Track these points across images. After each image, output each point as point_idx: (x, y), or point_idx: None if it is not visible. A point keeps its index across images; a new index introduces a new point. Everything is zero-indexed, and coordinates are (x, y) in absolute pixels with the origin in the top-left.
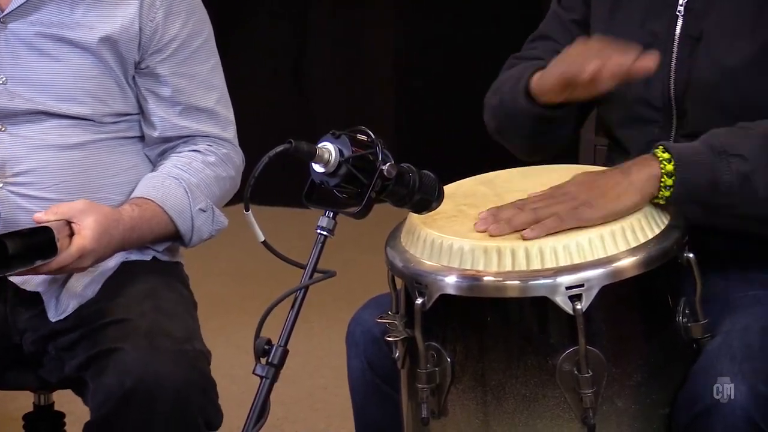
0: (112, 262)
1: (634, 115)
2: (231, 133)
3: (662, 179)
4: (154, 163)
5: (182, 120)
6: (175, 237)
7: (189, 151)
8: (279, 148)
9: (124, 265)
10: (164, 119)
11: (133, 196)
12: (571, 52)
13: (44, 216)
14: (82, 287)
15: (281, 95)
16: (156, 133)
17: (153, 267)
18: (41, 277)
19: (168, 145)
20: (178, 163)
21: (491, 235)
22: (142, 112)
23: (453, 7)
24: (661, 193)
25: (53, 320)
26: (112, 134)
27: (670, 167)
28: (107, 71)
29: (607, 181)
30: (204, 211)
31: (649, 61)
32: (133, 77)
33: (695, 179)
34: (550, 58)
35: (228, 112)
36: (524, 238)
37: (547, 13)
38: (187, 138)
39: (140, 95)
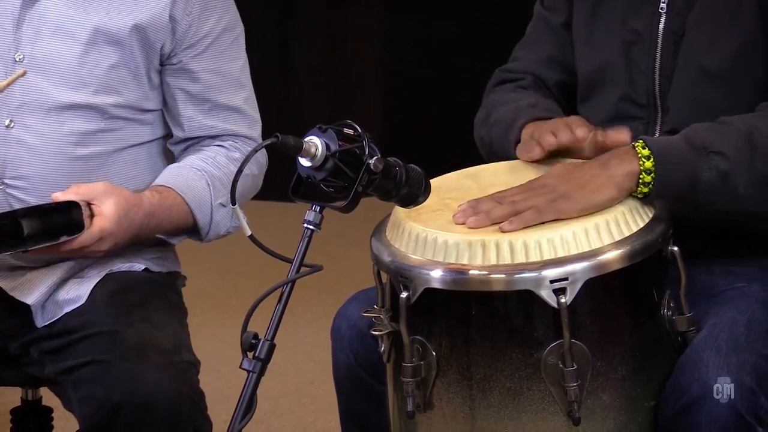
0: (97, 272)
1: (619, 112)
2: (257, 132)
3: (641, 176)
4: (176, 159)
5: (210, 119)
6: (192, 229)
7: (215, 145)
8: (265, 142)
9: (115, 275)
10: (192, 119)
11: (154, 183)
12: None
13: (63, 196)
14: (71, 297)
15: (268, 89)
16: (183, 134)
17: (143, 277)
18: (29, 288)
19: (194, 141)
20: (202, 156)
21: (470, 227)
22: (169, 111)
23: (441, 1)
24: (639, 189)
25: (40, 326)
26: (122, 143)
27: (649, 164)
28: (130, 61)
29: (585, 173)
30: (224, 206)
31: (623, 136)
32: (160, 72)
33: (674, 176)
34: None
35: (255, 112)
36: (502, 231)
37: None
38: (214, 136)
39: (168, 93)
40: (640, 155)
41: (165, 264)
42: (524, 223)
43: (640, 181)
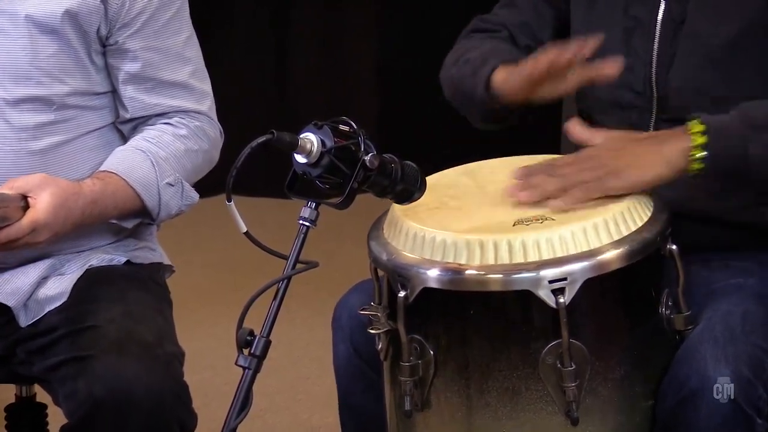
0: (77, 267)
1: (616, 99)
2: (206, 105)
3: (692, 152)
4: (128, 138)
5: (154, 98)
6: (141, 212)
7: (161, 123)
8: (261, 139)
9: (96, 270)
10: (134, 99)
11: (98, 169)
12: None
13: None
14: (52, 294)
15: (264, 86)
16: (128, 115)
17: (125, 270)
18: (9, 288)
19: (141, 120)
20: (147, 136)
21: (521, 202)
22: (115, 92)
23: (437, 1)
24: (692, 165)
25: (23, 326)
26: (78, 132)
27: (701, 140)
28: (68, 48)
29: (638, 149)
30: (172, 186)
31: (612, 68)
32: (104, 54)
33: (726, 151)
34: (511, 46)
35: (203, 85)
36: (552, 209)
37: None
38: (160, 114)
39: (112, 74)
40: (693, 131)
41: (147, 255)
42: (573, 201)
43: (692, 157)
